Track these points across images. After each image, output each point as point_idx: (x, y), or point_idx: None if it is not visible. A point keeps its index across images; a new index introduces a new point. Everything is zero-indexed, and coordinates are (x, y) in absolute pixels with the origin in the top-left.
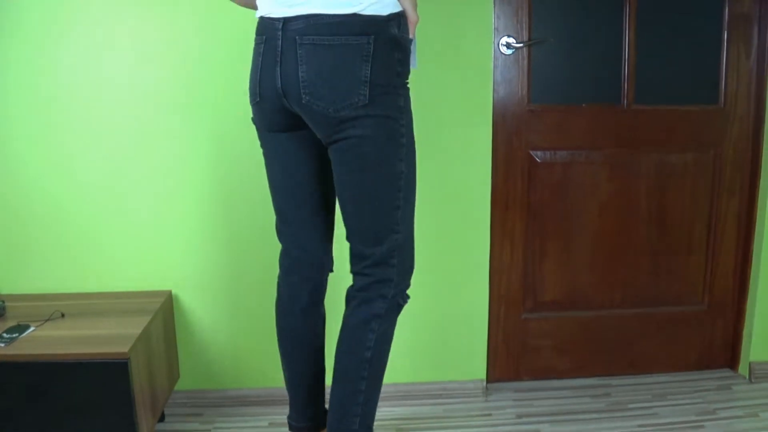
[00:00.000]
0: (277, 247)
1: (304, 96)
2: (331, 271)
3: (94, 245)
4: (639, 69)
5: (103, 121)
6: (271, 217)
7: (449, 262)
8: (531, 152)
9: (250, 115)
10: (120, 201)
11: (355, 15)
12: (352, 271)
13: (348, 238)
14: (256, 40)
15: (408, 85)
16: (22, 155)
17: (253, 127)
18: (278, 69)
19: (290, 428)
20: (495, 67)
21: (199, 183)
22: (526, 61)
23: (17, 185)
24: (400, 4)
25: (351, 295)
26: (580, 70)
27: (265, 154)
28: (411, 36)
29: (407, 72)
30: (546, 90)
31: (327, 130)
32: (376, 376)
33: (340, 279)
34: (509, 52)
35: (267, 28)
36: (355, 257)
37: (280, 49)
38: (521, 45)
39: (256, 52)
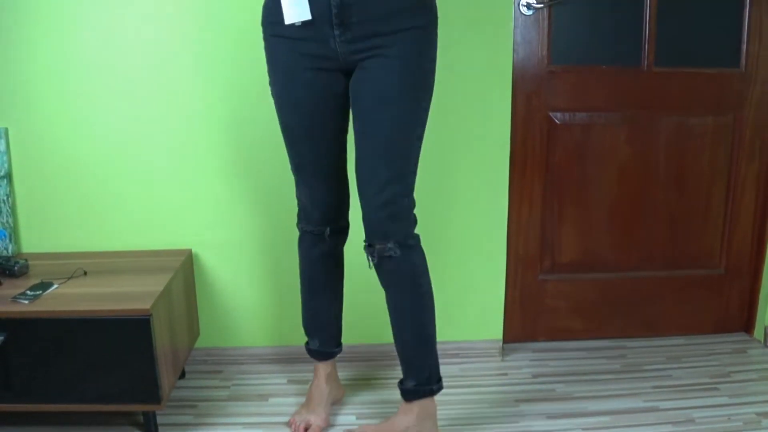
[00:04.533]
0: (291, 205)
1: None
2: None
3: (116, 205)
4: (660, 31)
5: (124, 82)
6: (290, 175)
7: (467, 222)
8: (550, 114)
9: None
10: (141, 161)
11: None
12: None
13: None
14: None
15: (268, 39)
16: (44, 116)
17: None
18: None
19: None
20: (515, 27)
21: (219, 143)
22: (546, 22)
23: (40, 146)
24: None
25: None
26: (600, 32)
27: None
28: None
29: (265, 24)
30: (566, 51)
31: None
32: None
33: None
34: (529, 12)
35: None
36: None
37: None
38: (541, 5)
39: None
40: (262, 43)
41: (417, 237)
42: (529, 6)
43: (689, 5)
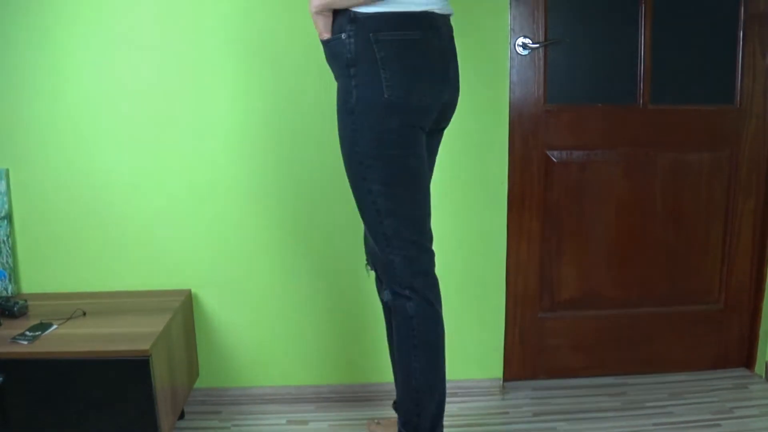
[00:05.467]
0: (290, 244)
1: (458, 86)
2: None
3: (115, 245)
4: (655, 68)
5: (124, 124)
6: (291, 217)
7: (466, 261)
8: (547, 152)
9: (274, 110)
10: (140, 202)
11: None
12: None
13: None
14: (423, 34)
15: None
16: (44, 157)
17: (272, 125)
18: (452, 63)
19: None
20: (511, 67)
21: (217, 182)
22: (542, 62)
23: (40, 187)
24: None
25: None
26: (596, 70)
27: (418, 159)
28: None
29: None
30: (562, 90)
31: (449, 116)
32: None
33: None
34: (525, 52)
35: (437, 24)
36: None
37: (447, 44)
38: (537, 45)
39: (431, 47)
40: (264, 90)
41: (412, 290)
42: (524, 46)
43: (684, 43)
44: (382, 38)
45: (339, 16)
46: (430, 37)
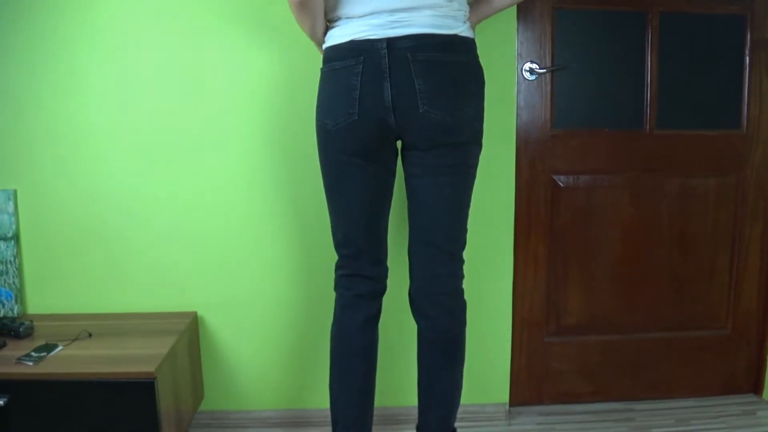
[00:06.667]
0: (303, 267)
1: (421, 106)
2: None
3: (121, 267)
4: (661, 94)
5: (130, 145)
6: (296, 238)
7: (472, 285)
8: (554, 177)
9: (284, 130)
10: (146, 224)
11: (456, 36)
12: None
13: (426, 241)
14: (343, 63)
15: None
16: (51, 179)
17: (281, 145)
18: (387, 84)
19: None
20: (518, 92)
21: (224, 204)
22: (549, 87)
23: (47, 208)
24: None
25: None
26: (602, 96)
27: (337, 181)
28: None
29: None
30: (569, 115)
31: (436, 135)
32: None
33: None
34: (532, 77)
35: (364, 49)
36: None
37: (387, 66)
38: (544, 71)
39: (349, 73)
40: (276, 108)
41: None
42: (531, 71)
43: (690, 68)
44: (322, 71)
45: None
46: (353, 64)
